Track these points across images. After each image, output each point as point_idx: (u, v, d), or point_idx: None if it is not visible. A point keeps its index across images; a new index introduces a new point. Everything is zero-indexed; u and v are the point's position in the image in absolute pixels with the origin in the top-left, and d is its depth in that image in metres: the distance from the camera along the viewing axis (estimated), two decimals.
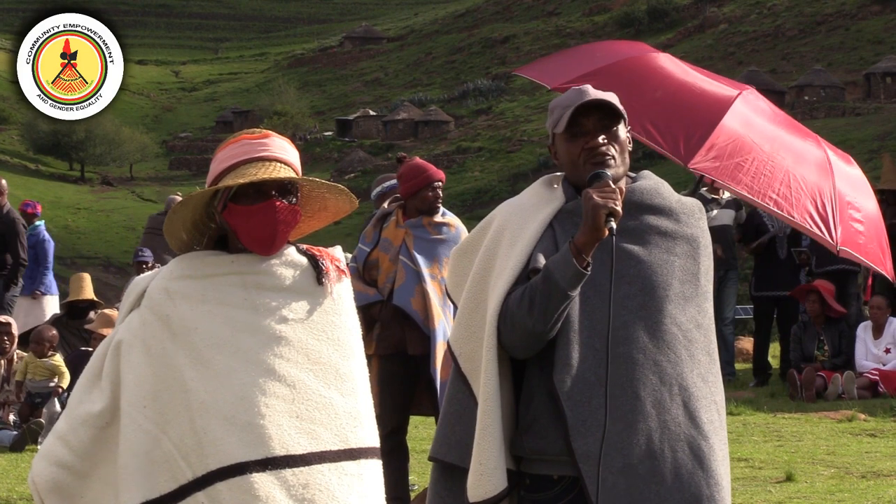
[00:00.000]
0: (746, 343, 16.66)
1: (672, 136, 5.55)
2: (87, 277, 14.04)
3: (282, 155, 3.77)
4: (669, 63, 5.87)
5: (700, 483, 3.72)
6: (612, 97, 3.89)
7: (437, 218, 8.01)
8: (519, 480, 3.87)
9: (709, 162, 5.42)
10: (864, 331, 13.47)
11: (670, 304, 3.79)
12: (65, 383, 11.80)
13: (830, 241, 5.46)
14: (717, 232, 13.91)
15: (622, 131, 3.90)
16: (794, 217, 5.41)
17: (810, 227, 5.43)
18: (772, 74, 78.43)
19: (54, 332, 12.26)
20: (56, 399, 11.42)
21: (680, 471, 3.71)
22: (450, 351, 4.01)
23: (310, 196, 3.87)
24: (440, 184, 8.06)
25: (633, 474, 3.69)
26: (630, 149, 3.95)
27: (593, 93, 3.87)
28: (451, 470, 3.96)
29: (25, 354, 12.03)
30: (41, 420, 11.30)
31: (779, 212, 5.52)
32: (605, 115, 3.87)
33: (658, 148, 5.66)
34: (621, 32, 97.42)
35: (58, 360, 12.03)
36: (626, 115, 3.90)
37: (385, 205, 8.26)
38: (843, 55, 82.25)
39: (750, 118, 5.65)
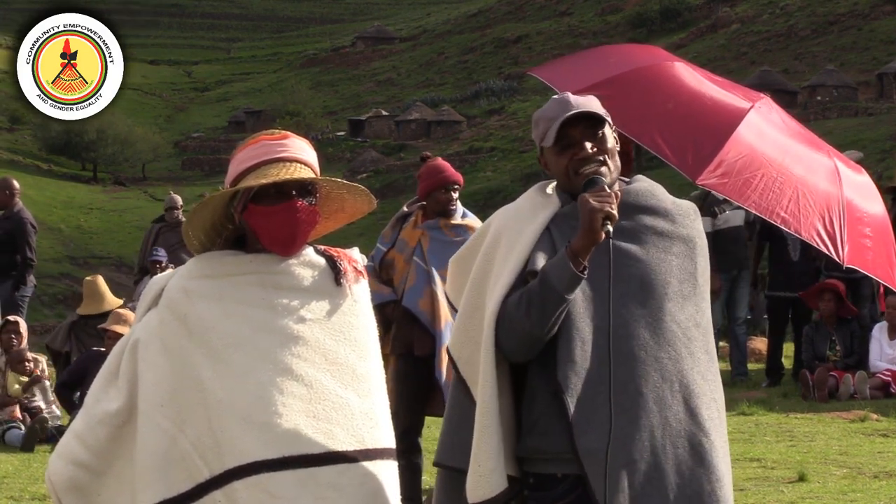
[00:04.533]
0: (759, 343, 16.63)
1: (681, 150, 5.54)
2: (101, 284, 13.69)
3: (301, 155, 3.79)
4: (684, 72, 5.84)
5: (701, 478, 3.75)
6: (594, 105, 3.93)
7: (456, 220, 7.98)
8: (523, 482, 3.89)
9: (716, 178, 5.41)
10: (879, 331, 13.46)
11: (669, 302, 3.82)
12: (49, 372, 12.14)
13: (837, 259, 5.47)
14: (731, 233, 13.95)
15: (609, 135, 3.93)
16: (801, 235, 5.42)
17: (817, 244, 5.43)
18: (784, 74, 78.23)
19: (28, 353, 12.33)
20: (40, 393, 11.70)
21: (681, 466, 3.74)
22: (449, 356, 4.03)
23: (328, 197, 3.88)
24: (457, 187, 8.02)
25: (635, 470, 3.71)
26: (618, 150, 3.98)
27: (575, 102, 3.91)
28: (456, 474, 3.98)
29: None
30: (45, 416, 11.40)
31: (786, 229, 5.53)
32: (591, 123, 3.90)
33: (667, 161, 5.65)
34: (634, 32, 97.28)
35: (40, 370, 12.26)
36: (609, 119, 3.93)
37: (405, 207, 8.25)
38: (856, 55, 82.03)
39: (762, 131, 5.62)
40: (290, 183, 3.72)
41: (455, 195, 8.01)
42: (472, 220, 8.05)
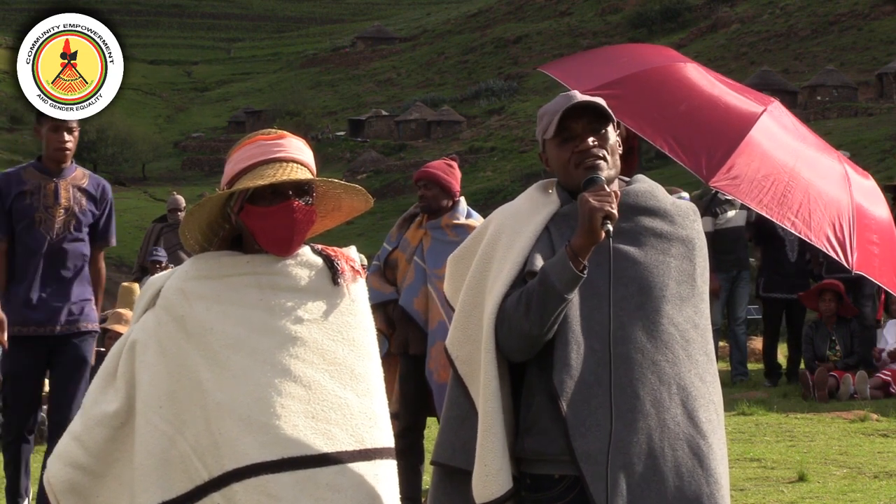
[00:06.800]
0: (760, 343, 16.62)
1: (694, 152, 5.53)
2: (137, 292, 13.36)
3: (298, 155, 3.77)
4: (696, 74, 5.83)
5: (700, 481, 3.73)
6: (599, 100, 3.91)
7: (459, 220, 7.93)
8: (520, 482, 3.89)
9: (729, 181, 5.41)
10: (891, 328, 13.65)
11: (667, 304, 3.81)
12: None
13: (846, 265, 5.47)
14: (732, 233, 13.94)
15: (611, 134, 3.91)
16: (811, 240, 5.42)
17: (827, 250, 5.43)
18: (784, 74, 78.30)
19: None
20: None
21: (680, 469, 3.72)
22: (447, 355, 4.02)
23: (325, 196, 3.88)
24: (424, 181, 7.95)
25: (633, 473, 3.70)
26: (620, 151, 3.97)
27: (581, 97, 3.90)
28: (453, 474, 3.97)
29: None
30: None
31: (797, 234, 5.53)
32: (594, 119, 3.88)
33: (680, 163, 5.65)
34: (634, 32, 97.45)
35: None
36: (614, 118, 3.92)
37: (413, 207, 8.23)
38: (856, 55, 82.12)
39: (774, 135, 5.62)
40: (286, 184, 3.71)
41: (429, 192, 7.94)
42: (476, 221, 7.98)
